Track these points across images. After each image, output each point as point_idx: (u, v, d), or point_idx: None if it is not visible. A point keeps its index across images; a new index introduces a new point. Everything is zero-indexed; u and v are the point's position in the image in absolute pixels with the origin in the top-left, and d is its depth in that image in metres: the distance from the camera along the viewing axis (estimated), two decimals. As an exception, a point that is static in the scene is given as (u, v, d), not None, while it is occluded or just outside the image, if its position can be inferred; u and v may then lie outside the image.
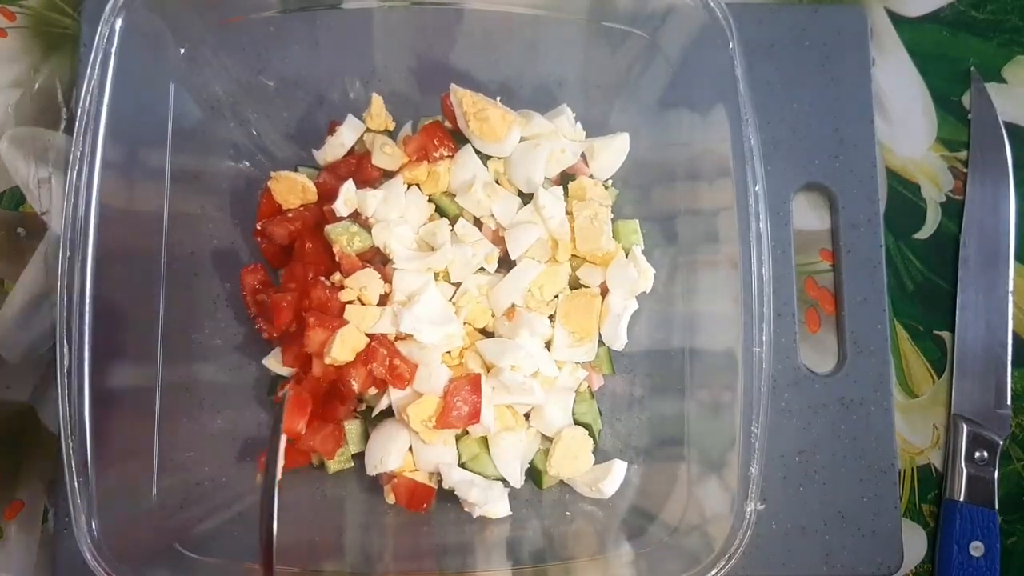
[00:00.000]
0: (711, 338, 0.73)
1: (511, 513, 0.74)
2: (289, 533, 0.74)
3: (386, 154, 0.76)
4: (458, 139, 0.78)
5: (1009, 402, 0.81)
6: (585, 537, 0.74)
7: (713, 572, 0.63)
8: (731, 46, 0.69)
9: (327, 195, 0.76)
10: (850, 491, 0.78)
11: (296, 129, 0.81)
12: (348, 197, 0.73)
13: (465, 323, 0.73)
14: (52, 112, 0.85)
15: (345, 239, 0.72)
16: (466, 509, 0.73)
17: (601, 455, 0.76)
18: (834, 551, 0.77)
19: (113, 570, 0.62)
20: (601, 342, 0.77)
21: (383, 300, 0.72)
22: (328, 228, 0.73)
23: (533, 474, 0.76)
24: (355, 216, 0.74)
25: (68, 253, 0.63)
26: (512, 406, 0.73)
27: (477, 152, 0.77)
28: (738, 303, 0.67)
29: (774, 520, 0.77)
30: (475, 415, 0.69)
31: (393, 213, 0.74)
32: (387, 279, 0.72)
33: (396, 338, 0.71)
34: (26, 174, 0.83)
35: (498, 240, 0.76)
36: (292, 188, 0.76)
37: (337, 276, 0.73)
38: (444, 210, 0.77)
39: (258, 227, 0.78)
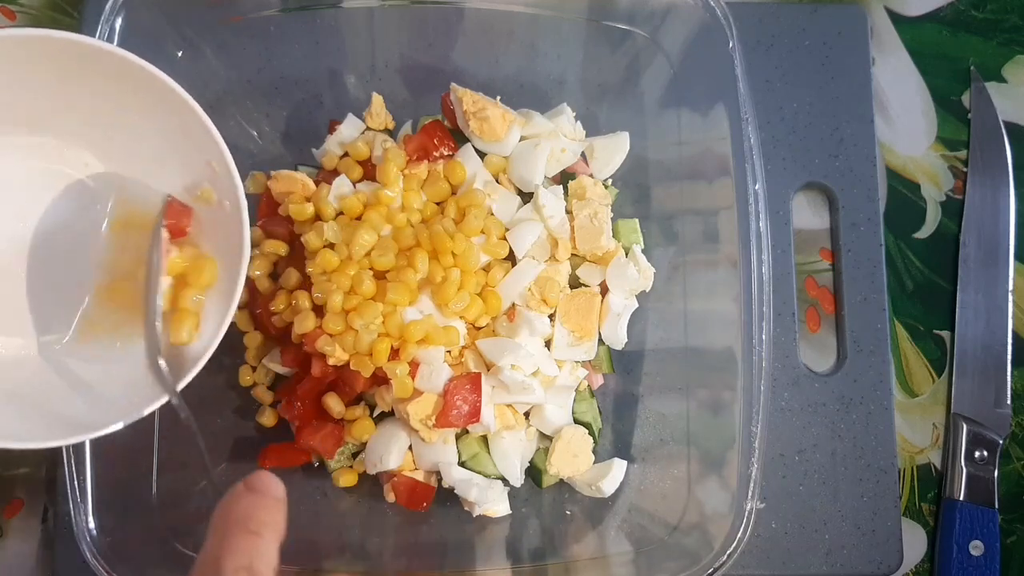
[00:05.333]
0: (711, 337, 0.73)
1: (511, 512, 0.74)
2: (289, 532, 0.74)
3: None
4: (458, 138, 0.78)
5: (1009, 401, 0.81)
6: (585, 536, 0.74)
7: (713, 570, 0.63)
8: (731, 45, 0.69)
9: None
10: (850, 490, 0.78)
11: (296, 128, 0.81)
12: (341, 193, 0.73)
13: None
14: (52, 111, 0.85)
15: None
16: (466, 508, 0.73)
17: (601, 454, 0.76)
18: (834, 550, 0.77)
19: (113, 570, 0.62)
20: (601, 341, 0.77)
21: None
22: (325, 226, 0.73)
23: (533, 473, 0.76)
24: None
25: (68, 251, 0.63)
26: (512, 405, 0.73)
27: (477, 151, 0.77)
28: (738, 302, 0.67)
29: (774, 519, 0.77)
30: (475, 414, 0.69)
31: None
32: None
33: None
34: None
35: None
36: (292, 187, 0.76)
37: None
38: (444, 209, 0.77)
39: (258, 226, 0.78)
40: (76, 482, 0.62)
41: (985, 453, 0.80)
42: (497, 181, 0.77)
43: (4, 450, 0.78)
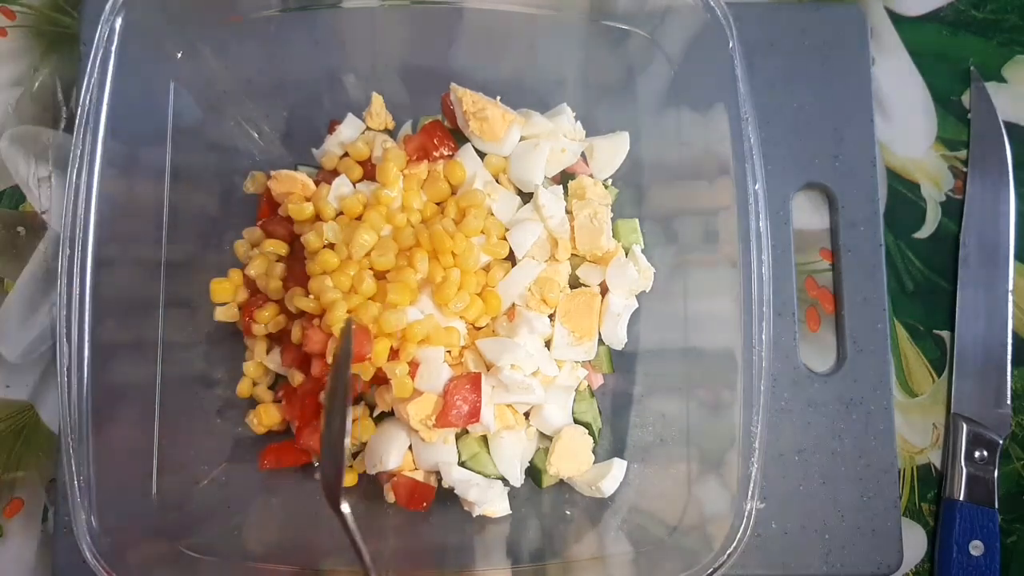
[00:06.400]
0: (711, 337, 0.73)
1: (511, 512, 0.74)
2: (288, 532, 0.74)
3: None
4: (458, 138, 0.78)
5: (1009, 401, 0.81)
6: (585, 536, 0.74)
7: (713, 570, 0.63)
8: (731, 45, 0.68)
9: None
10: (850, 490, 0.78)
11: (296, 128, 0.81)
12: (341, 193, 0.73)
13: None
14: (52, 111, 0.85)
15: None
16: (466, 508, 0.73)
17: (601, 454, 0.76)
18: (834, 550, 0.77)
19: (113, 569, 0.62)
20: (601, 341, 0.77)
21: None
22: (325, 226, 0.73)
23: (533, 473, 0.76)
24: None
25: (68, 251, 0.63)
26: (512, 405, 0.73)
27: (477, 151, 0.77)
28: (738, 302, 0.67)
29: (774, 519, 0.77)
30: (475, 414, 0.69)
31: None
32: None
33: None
34: (26, 173, 0.84)
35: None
36: (292, 186, 0.76)
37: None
38: (444, 209, 0.77)
39: (258, 226, 0.78)
40: (76, 482, 0.62)
41: (985, 453, 0.80)
42: (497, 181, 0.77)
43: (4, 451, 0.79)
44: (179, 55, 0.73)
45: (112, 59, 0.65)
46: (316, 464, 0.75)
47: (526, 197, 0.77)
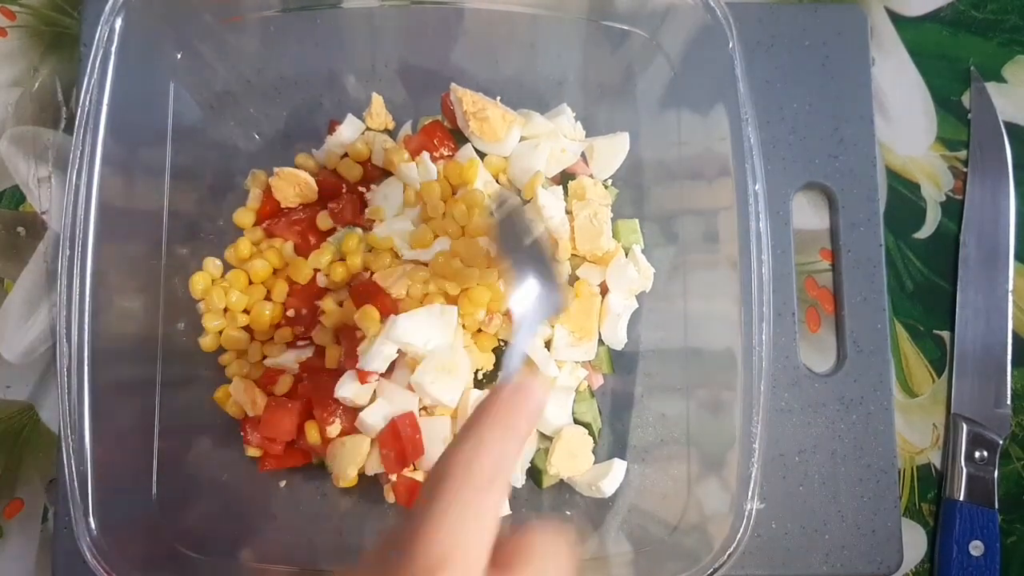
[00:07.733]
0: (711, 337, 0.73)
1: (510, 512, 0.74)
2: (289, 533, 0.74)
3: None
4: (458, 138, 0.78)
5: (1009, 401, 0.81)
6: (585, 536, 0.74)
7: (713, 571, 0.63)
8: (731, 45, 0.68)
9: (328, 193, 0.77)
10: (850, 490, 0.78)
11: (296, 128, 0.81)
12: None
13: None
14: (52, 111, 0.85)
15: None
16: (466, 508, 0.73)
17: (601, 454, 0.76)
18: (833, 550, 0.77)
19: (113, 570, 0.62)
20: (601, 341, 0.77)
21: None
22: (331, 239, 0.73)
23: (533, 473, 0.76)
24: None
25: (68, 252, 0.63)
26: (512, 405, 0.73)
27: (477, 151, 0.77)
28: (738, 302, 0.67)
29: (773, 519, 0.77)
30: (403, 461, 0.68)
31: (391, 210, 0.75)
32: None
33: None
34: (26, 173, 0.83)
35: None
36: (294, 184, 0.76)
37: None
38: (444, 209, 0.77)
39: (263, 228, 0.78)
40: (76, 482, 0.62)
41: (985, 453, 0.80)
42: (497, 181, 0.77)
43: (4, 451, 0.78)
44: (179, 55, 0.73)
45: (112, 59, 0.65)
46: (316, 464, 0.75)
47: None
